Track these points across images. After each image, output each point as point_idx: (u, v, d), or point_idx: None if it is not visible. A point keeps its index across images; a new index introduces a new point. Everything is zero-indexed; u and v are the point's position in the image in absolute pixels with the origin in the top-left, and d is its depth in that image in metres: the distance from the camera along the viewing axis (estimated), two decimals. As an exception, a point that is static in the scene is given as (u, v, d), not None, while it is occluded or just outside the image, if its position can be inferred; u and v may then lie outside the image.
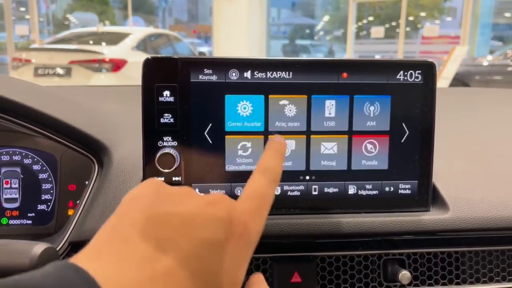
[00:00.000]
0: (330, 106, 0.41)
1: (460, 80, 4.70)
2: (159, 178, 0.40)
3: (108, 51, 4.05)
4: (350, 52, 7.14)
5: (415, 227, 0.43)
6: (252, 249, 0.27)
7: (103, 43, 4.34)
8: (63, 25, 9.78)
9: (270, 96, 0.41)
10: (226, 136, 0.41)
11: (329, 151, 0.42)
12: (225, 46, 7.06)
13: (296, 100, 0.41)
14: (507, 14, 8.86)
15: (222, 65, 0.40)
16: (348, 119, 0.42)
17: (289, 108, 0.41)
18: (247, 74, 0.40)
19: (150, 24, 10.48)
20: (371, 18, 8.61)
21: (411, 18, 7.93)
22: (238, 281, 0.25)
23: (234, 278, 0.25)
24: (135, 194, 0.26)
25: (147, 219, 0.24)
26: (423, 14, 8.84)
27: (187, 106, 0.40)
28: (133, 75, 3.73)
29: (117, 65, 3.94)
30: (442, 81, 4.25)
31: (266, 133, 0.41)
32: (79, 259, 0.22)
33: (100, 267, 0.21)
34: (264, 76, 0.41)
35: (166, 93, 0.40)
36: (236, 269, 0.25)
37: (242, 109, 0.41)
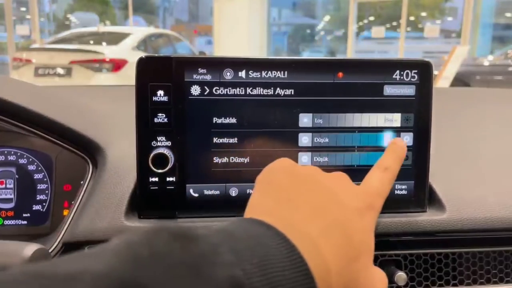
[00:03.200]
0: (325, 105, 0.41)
1: (461, 80, 4.69)
2: (154, 179, 0.40)
3: (108, 51, 4.05)
4: (351, 52, 7.13)
5: (411, 228, 0.43)
6: (375, 223, 0.31)
7: (104, 43, 4.34)
8: (63, 25, 9.79)
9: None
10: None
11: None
12: (226, 46, 7.06)
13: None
14: (508, 14, 8.84)
15: (217, 64, 0.40)
16: (344, 119, 0.42)
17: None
18: (242, 74, 0.40)
19: (150, 24, 10.48)
20: (372, 18, 8.60)
21: (412, 18, 7.92)
22: (372, 247, 0.29)
23: (370, 243, 0.29)
24: (276, 167, 0.32)
25: (296, 187, 0.29)
26: (424, 14, 8.83)
27: (181, 105, 0.40)
28: (133, 75, 3.71)
29: (117, 65, 3.95)
30: (443, 81, 4.24)
31: (260, 133, 0.41)
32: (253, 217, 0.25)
33: (275, 222, 0.24)
34: (259, 76, 0.40)
35: (160, 92, 0.39)
36: (370, 235, 0.29)
37: None
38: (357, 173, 0.42)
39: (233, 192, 0.41)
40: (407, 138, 0.42)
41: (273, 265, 0.21)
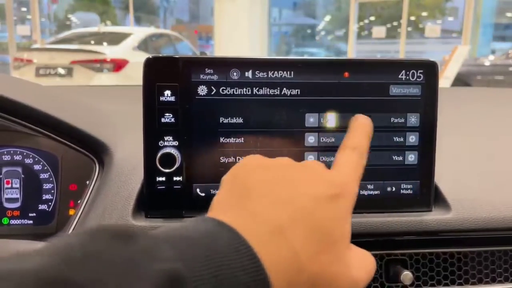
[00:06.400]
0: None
1: (461, 80, 4.69)
2: (161, 178, 0.40)
3: (109, 51, 4.05)
4: (352, 52, 7.13)
5: (417, 227, 0.43)
6: (351, 209, 0.29)
7: (105, 43, 4.35)
8: (64, 25, 9.79)
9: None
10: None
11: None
12: (226, 46, 7.06)
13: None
14: (509, 14, 8.83)
15: (223, 64, 0.40)
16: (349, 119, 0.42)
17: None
18: (248, 74, 0.40)
19: (151, 24, 10.49)
20: (372, 18, 8.60)
21: (412, 18, 7.91)
22: (346, 234, 0.28)
23: (343, 231, 0.28)
24: (240, 165, 0.31)
25: (259, 181, 0.28)
26: (424, 14, 8.82)
27: (188, 105, 0.40)
28: (134, 75, 3.73)
29: (118, 65, 3.95)
30: (444, 81, 4.24)
31: (266, 133, 0.41)
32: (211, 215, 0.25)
33: (231, 221, 0.24)
34: (266, 76, 0.40)
35: (167, 92, 0.40)
36: (343, 222, 0.28)
37: None
38: (363, 173, 0.43)
39: (240, 191, 0.42)
40: (413, 138, 0.42)
41: (219, 257, 0.21)
